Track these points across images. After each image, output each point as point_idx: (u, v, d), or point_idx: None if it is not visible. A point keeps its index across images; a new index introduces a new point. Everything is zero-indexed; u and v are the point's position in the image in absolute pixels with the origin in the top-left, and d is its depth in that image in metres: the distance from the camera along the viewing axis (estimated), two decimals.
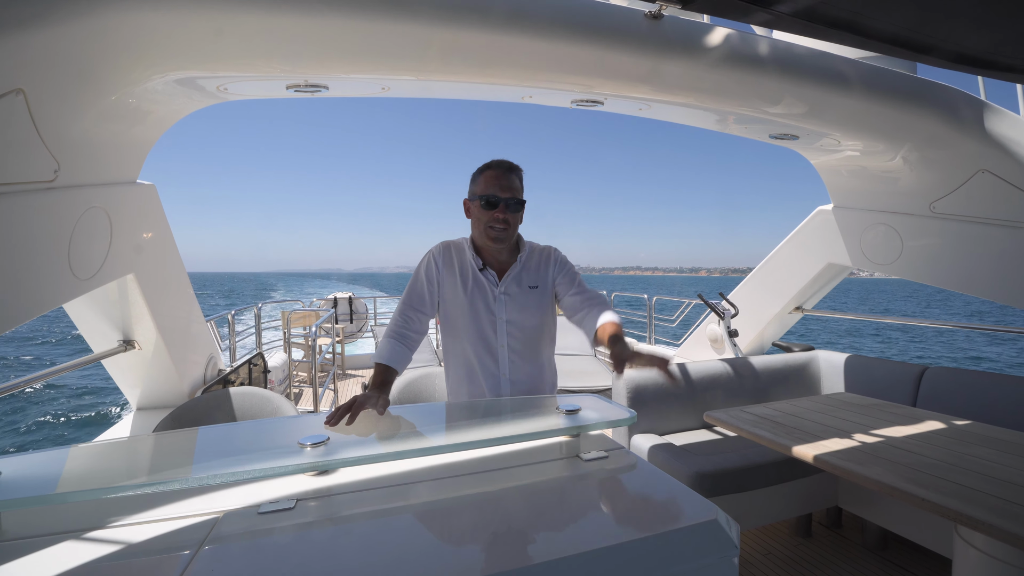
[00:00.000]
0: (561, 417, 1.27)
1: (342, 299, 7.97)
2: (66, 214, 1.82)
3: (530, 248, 1.74)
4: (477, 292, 1.66)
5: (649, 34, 1.95)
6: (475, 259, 1.67)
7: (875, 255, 3.24)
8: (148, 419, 2.98)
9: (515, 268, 1.68)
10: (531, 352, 1.69)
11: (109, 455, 1.28)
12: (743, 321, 4.37)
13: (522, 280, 1.68)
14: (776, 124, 2.65)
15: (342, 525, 0.94)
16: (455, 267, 1.68)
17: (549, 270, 1.72)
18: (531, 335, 1.68)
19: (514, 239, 1.68)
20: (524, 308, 1.67)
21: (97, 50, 1.53)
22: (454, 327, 1.69)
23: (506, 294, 1.66)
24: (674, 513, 0.94)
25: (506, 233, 1.60)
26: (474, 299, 1.65)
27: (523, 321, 1.66)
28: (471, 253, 1.68)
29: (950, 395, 2.63)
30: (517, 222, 1.63)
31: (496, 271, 1.68)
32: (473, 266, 1.67)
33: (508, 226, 1.59)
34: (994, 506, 1.38)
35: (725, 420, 2.27)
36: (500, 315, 1.65)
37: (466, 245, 1.71)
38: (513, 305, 1.66)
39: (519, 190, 1.61)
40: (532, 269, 1.70)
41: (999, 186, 2.45)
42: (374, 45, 1.84)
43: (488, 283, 1.66)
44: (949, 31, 1.63)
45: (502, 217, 1.57)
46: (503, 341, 1.65)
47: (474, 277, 1.67)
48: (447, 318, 1.71)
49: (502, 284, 1.66)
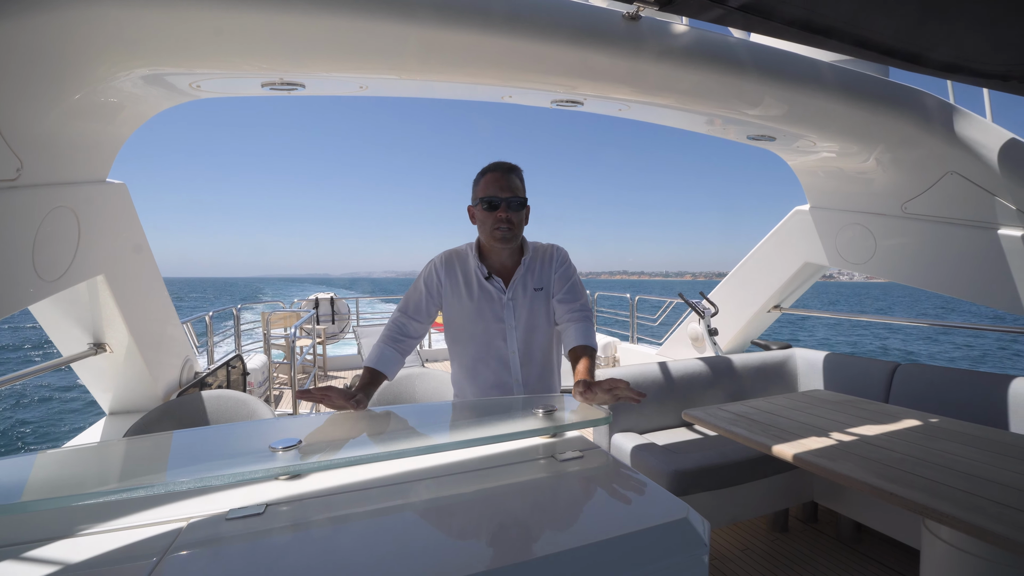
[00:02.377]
0: (537, 418, 1.27)
1: (324, 299, 7.87)
2: (30, 214, 1.76)
3: (534, 249, 1.72)
4: (484, 300, 1.64)
5: (627, 35, 1.96)
6: (480, 267, 1.65)
7: (850, 255, 3.31)
8: (120, 424, 2.90)
9: (520, 271, 1.66)
10: (541, 354, 1.69)
11: (76, 462, 1.24)
12: (723, 320, 4.43)
13: (527, 283, 1.67)
14: (754, 126, 2.69)
15: (312, 530, 0.92)
16: (459, 276, 1.67)
17: (552, 267, 1.71)
18: (540, 337, 1.68)
19: (519, 239, 1.66)
20: (532, 312, 1.66)
21: (60, 45, 1.48)
22: (461, 336, 1.68)
23: (513, 300, 1.65)
24: (645, 512, 0.95)
25: (512, 232, 1.59)
26: (481, 307, 1.64)
27: (532, 325, 1.66)
28: (476, 261, 1.67)
29: (920, 391, 2.70)
30: (521, 221, 1.62)
31: (502, 277, 1.66)
32: (478, 274, 1.65)
33: (513, 225, 1.58)
34: (958, 499, 1.41)
35: (703, 418, 2.29)
36: (509, 321, 1.64)
37: (470, 253, 1.69)
38: (521, 310, 1.65)
39: (520, 189, 1.61)
40: (536, 270, 1.69)
41: (966, 187, 2.53)
42: (351, 43, 1.81)
43: (495, 290, 1.65)
44: (924, 37, 1.67)
45: (505, 217, 1.57)
46: (513, 347, 1.65)
47: (480, 285, 1.65)
48: (453, 327, 1.70)
49: (509, 290, 1.65)
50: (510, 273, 1.67)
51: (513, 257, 1.68)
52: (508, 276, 1.67)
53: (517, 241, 1.64)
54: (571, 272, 1.71)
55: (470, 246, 1.71)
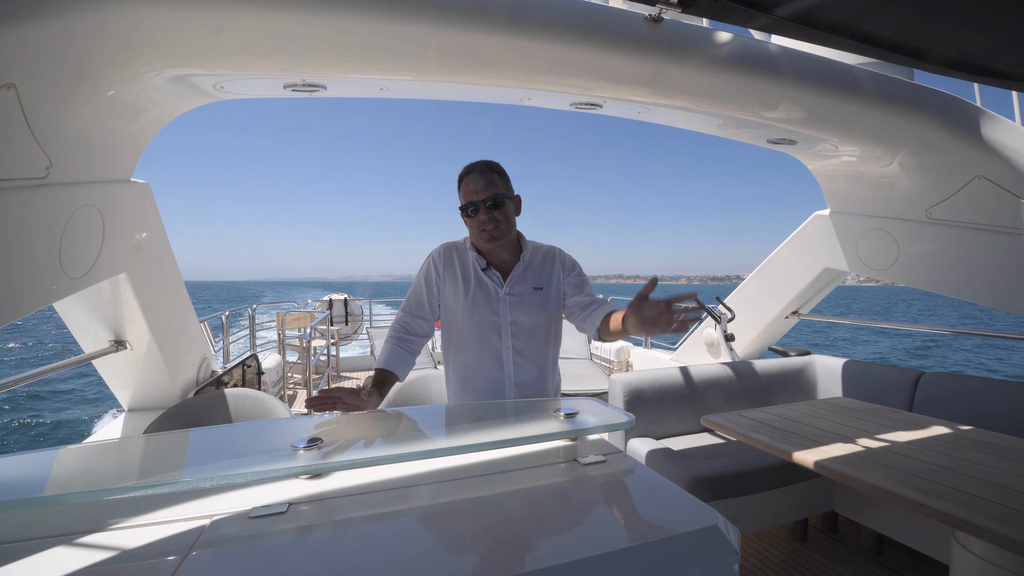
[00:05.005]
0: (559, 421, 1.26)
1: (337, 301, 7.93)
2: (58, 212, 1.79)
3: (533, 248, 1.71)
4: (480, 293, 1.63)
5: (649, 37, 1.94)
6: (478, 259, 1.64)
7: (872, 260, 3.25)
8: (139, 420, 2.94)
9: (519, 268, 1.65)
10: (536, 354, 1.66)
11: (98, 457, 1.25)
12: (740, 325, 4.37)
13: (527, 280, 1.65)
14: (774, 129, 2.65)
15: (335, 530, 0.92)
16: (456, 268, 1.66)
17: (555, 271, 1.69)
18: (536, 337, 1.65)
19: (512, 235, 1.63)
20: (529, 309, 1.63)
21: (92, 46, 1.51)
22: (456, 329, 1.67)
23: (511, 295, 1.63)
24: (674, 518, 0.93)
25: (499, 230, 1.56)
26: (477, 301, 1.62)
27: (528, 323, 1.63)
28: (474, 253, 1.65)
29: (946, 400, 2.63)
30: (506, 216, 1.58)
31: (500, 272, 1.65)
32: (476, 267, 1.64)
33: (498, 223, 1.56)
34: (992, 511, 1.37)
35: (722, 424, 2.26)
36: (505, 316, 1.62)
37: (468, 245, 1.68)
38: (518, 306, 1.63)
39: (498, 184, 1.57)
40: (536, 269, 1.67)
41: (995, 192, 2.46)
42: (373, 45, 1.82)
43: (492, 284, 1.63)
44: (946, 36, 1.64)
45: (486, 219, 1.55)
46: (508, 343, 1.62)
47: (477, 278, 1.64)
48: (448, 320, 1.68)
49: (507, 285, 1.63)
50: (509, 269, 1.65)
51: (512, 254, 1.67)
52: (507, 272, 1.65)
53: (507, 237, 1.60)
54: (583, 275, 1.72)
55: (468, 239, 1.69)
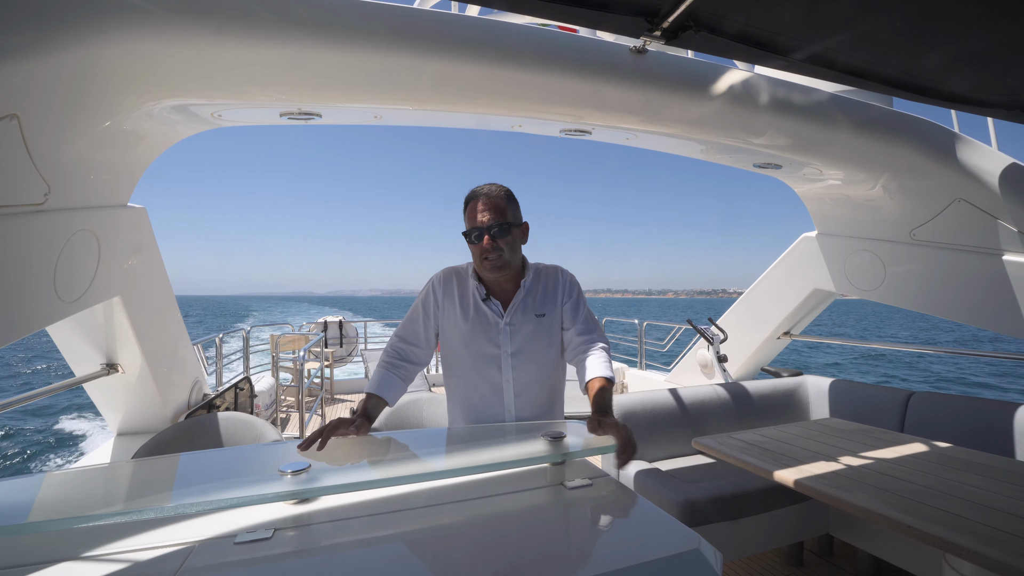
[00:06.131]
0: (545, 444, 1.27)
1: (332, 323, 7.92)
2: (54, 236, 1.81)
3: (535, 271, 1.61)
4: (479, 324, 1.54)
5: (634, 68, 2.02)
6: (478, 288, 1.56)
7: (859, 281, 3.30)
8: (129, 445, 2.91)
9: (519, 295, 1.56)
10: (539, 386, 1.57)
11: (85, 482, 1.25)
12: (732, 346, 4.39)
13: (528, 308, 1.56)
14: (760, 154, 2.73)
15: (320, 555, 0.92)
16: (455, 296, 1.58)
17: (558, 294, 1.59)
18: (539, 367, 1.56)
19: (517, 263, 1.55)
20: (531, 339, 1.54)
21: (92, 78, 1.56)
22: (455, 360, 1.59)
23: (511, 325, 1.54)
24: (655, 542, 0.93)
25: (501, 259, 1.48)
26: (476, 331, 1.54)
27: (530, 353, 1.54)
28: (474, 281, 1.57)
29: (936, 420, 2.65)
30: (511, 245, 1.49)
31: (501, 300, 1.56)
32: (476, 296, 1.56)
33: (501, 252, 1.47)
34: (980, 533, 1.37)
35: (713, 447, 2.26)
36: (505, 348, 1.53)
37: (470, 271, 1.60)
38: (519, 337, 1.53)
39: (504, 211, 1.48)
40: (539, 295, 1.58)
41: (975, 214, 2.53)
42: (367, 76, 1.88)
43: (492, 314, 1.54)
44: (926, 68, 1.71)
45: (489, 247, 1.46)
46: (508, 376, 1.53)
47: (476, 307, 1.55)
48: (448, 350, 1.61)
49: (507, 315, 1.54)
50: (510, 297, 1.57)
51: (513, 280, 1.57)
52: (508, 299, 1.57)
53: (510, 268, 1.52)
54: (581, 300, 1.62)
55: (472, 264, 1.61)
